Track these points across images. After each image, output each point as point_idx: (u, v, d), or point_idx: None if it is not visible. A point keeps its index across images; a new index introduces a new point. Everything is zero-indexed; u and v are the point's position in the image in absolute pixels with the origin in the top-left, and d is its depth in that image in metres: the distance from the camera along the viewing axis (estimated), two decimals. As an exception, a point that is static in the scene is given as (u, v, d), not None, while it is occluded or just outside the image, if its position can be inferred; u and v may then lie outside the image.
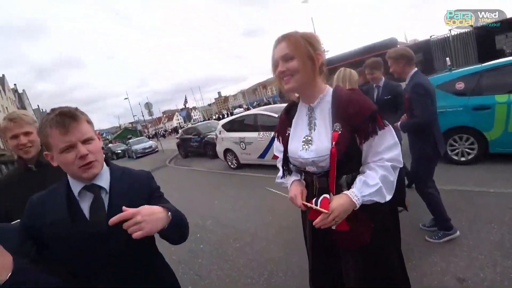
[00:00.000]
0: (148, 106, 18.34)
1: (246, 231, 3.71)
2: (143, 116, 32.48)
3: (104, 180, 1.06)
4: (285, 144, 1.31)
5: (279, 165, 1.42)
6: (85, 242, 0.97)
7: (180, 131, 17.03)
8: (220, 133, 8.10)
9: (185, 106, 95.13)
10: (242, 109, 36.51)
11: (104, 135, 52.99)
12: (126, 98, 48.26)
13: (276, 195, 4.65)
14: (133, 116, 48.30)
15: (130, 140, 23.30)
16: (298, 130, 1.27)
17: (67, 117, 0.95)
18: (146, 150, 18.52)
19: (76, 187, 1.03)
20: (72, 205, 1.00)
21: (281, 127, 1.37)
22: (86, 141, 0.99)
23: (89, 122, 1.04)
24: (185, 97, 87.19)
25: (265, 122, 6.72)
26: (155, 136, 30.17)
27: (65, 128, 0.94)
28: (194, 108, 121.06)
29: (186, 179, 8.12)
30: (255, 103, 57.57)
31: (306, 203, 1.19)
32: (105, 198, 1.04)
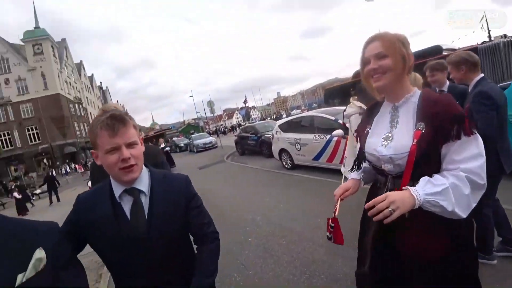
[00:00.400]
0: (210, 104, 19.53)
1: (293, 230, 3.79)
2: (205, 113, 34.50)
3: (143, 183, 1.10)
4: (363, 141, 1.32)
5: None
6: (125, 243, 1.02)
7: (238, 129, 17.62)
8: (276, 133, 8.25)
9: (245, 105, 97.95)
10: (299, 110, 36.20)
11: (171, 128, 58.23)
12: (190, 96, 51.61)
13: (327, 199, 4.62)
14: (196, 113, 51.55)
15: (192, 135, 24.97)
16: (378, 128, 1.26)
17: (117, 121, 0.99)
18: (207, 145, 19.54)
19: (117, 189, 1.06)
20: (115, 205, 1.05)
21: (361, 125, 1.39)
22: (130, 145, 1.02)
23: (135, 127, 1.07)
24: (245, 97, 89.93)
25: (321, 124, 6.66)
26: (216, 132, 31.74)
27: (114, 131, 0.98)
28: (253, 107, 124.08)
29: (241, 175, 8.45)
30: (314, 104, 56.41)
31: (339, 197, 1.31)
32: (145, 202, 1.08)
